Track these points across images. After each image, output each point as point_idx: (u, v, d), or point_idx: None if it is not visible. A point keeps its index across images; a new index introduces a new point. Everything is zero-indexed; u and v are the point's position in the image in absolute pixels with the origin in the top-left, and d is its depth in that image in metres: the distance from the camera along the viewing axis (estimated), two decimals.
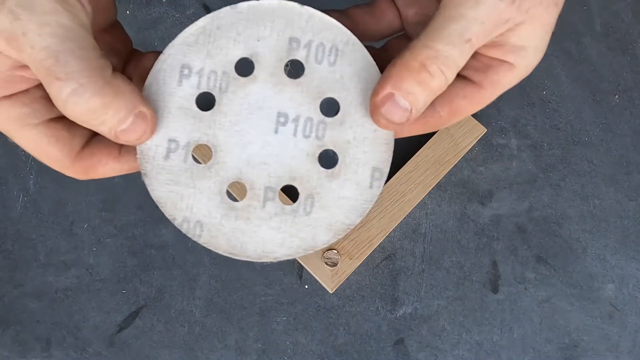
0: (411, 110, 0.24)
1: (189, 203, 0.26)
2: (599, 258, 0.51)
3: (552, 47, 0.54)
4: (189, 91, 0.25)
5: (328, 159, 0.26)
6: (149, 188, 0.26)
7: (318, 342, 0.49)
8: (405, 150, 0.51)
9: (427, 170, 0.50)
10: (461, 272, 0.50)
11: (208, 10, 0.50)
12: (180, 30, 0.25)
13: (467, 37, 0.23)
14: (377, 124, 0.25)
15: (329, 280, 0.48)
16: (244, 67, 0.26)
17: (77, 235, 0.50)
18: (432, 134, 0.51)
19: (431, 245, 0.51)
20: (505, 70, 0.25)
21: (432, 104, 0.25)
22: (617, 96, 0.53)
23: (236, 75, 0.26)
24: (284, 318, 0.49)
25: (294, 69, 0.26)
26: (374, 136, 0.26)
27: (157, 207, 0.26)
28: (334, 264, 0.47)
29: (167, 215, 0.26)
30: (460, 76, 0.25)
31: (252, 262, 0.49)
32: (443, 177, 0.51)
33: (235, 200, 0.26)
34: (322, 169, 0.26)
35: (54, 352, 0.49)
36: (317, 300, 0.50)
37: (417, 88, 0.23)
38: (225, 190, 0.26)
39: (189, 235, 0.26)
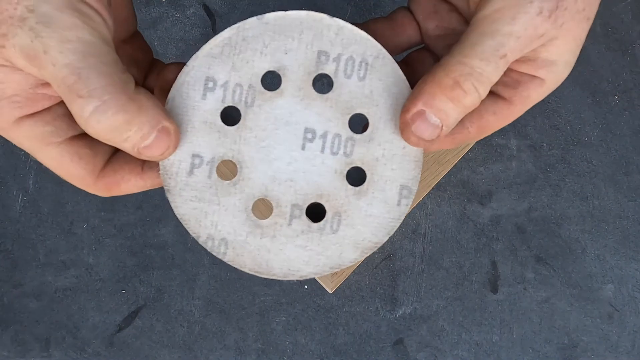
0: (442, 127, 0.23)
1: (214, 220, 0.25)
2: (598, 258, 0.51)
3: None
4: (213, 105, 0.25)
5: (356, 176, 0.26)
6: (172, 205, 0.25)
7: (317, 342, 0.49)
8: None
9: (426, 170, 0.50)
10: (461, 273, 0.50)
11: (208, 10, 0.50)
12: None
13: (503, 53, 0.22)
14: (407, 141, 0.24)
15: (329, 280, 0.47)
16: (271, 81, 0.25)
17: (76, 235, 0.50)
18: None
19: (431, 245, 0.51)
20: (535, 86, 0.24)
21: (462, 120, 0.25)
22: (616, 97, 0.53)
23: (262, 88, 0.25)
24: (284, 318, 0.49)
25: (323, 83, 0.26)
26: (403, 153, 0.25)
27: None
28: None
29: (191, 232, 0.25)
30: (489, 92, 0.24)
31: None
32: (442, 177, 0.51)
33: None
34: (350, 186, 0.25)
35: (53, 352, 0.48)
36: (317, 300, 0.50)
37: (449, 105, 0.23)
38: (250, 208, 0.25)
39: (214, 253, 0.25)
